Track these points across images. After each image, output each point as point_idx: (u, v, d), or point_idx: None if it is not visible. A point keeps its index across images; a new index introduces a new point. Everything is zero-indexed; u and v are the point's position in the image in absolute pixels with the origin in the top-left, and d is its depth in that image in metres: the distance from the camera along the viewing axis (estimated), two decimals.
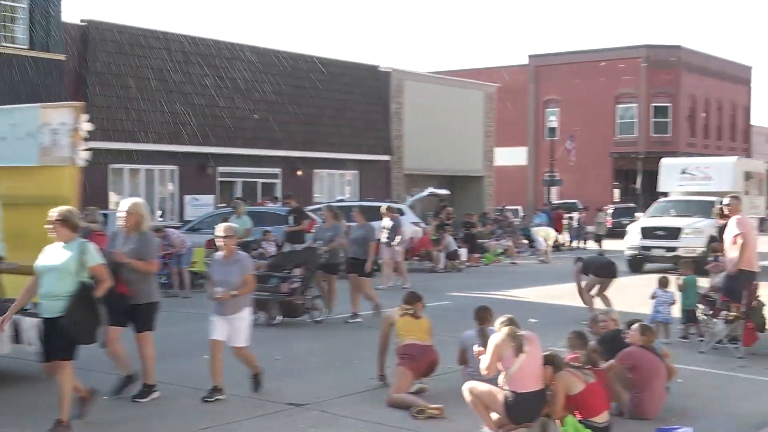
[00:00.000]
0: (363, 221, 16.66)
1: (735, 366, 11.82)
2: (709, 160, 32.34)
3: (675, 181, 29.85)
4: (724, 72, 63.34)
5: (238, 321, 9.66)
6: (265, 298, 15.03)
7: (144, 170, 29.95)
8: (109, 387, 9.50)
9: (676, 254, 25.09)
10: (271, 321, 15.01)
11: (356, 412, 9.18)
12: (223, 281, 9.57)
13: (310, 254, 16.01)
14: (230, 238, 9.72)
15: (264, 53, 33.98)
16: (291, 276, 15.40)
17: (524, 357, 8.04)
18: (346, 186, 37.81)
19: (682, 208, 27.85)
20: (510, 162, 58.31)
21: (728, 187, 28.13)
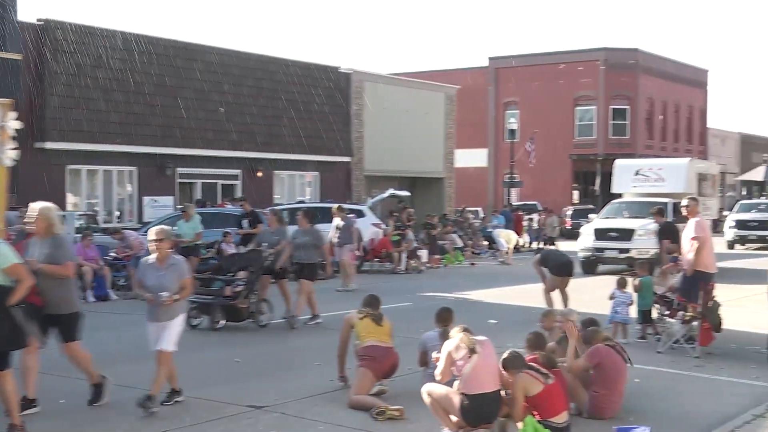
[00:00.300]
0: (307, 226, 16.28)
1: (691, 366, 11.96)
2: (662, 162, 32.35)
3: (629, 182, 29.89)
4: (681, 75, 64.09)
5: (172, 326, 9.34)
6: (209, 301, 14.80)
7: (102, 171, 29.67)
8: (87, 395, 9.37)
9: (629, 256, 25.21)
10: (214, 325, 14.68)
11: (317, 414, 9.17)
12: (158, 286, 9.19)
13: (255, 257, 15.71)
14: (162, 242, 9.32)
15: (224, 54, 33.82)
16: (235, 279, 15.12)
17: (477, 358, 8.07)
18: (307, 187, 37.74)
19: (636, 209, 27.71)
20: (470, 163, 58.52)
21: (681, 189, 28.36)
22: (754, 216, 38.89)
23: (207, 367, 11.73)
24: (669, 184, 28.82)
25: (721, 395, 10.40)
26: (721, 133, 74.07)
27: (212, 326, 14.65)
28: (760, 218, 38.63)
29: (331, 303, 18.15)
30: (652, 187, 29.13)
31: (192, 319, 14.51)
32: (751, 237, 38.40)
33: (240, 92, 33.85)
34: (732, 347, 13.34)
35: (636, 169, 30.05)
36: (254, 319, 15.15)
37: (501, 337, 12.63)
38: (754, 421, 8.83)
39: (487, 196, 59.21)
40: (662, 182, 29.06)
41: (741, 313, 16.77)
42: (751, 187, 74.54)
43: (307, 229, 16.15)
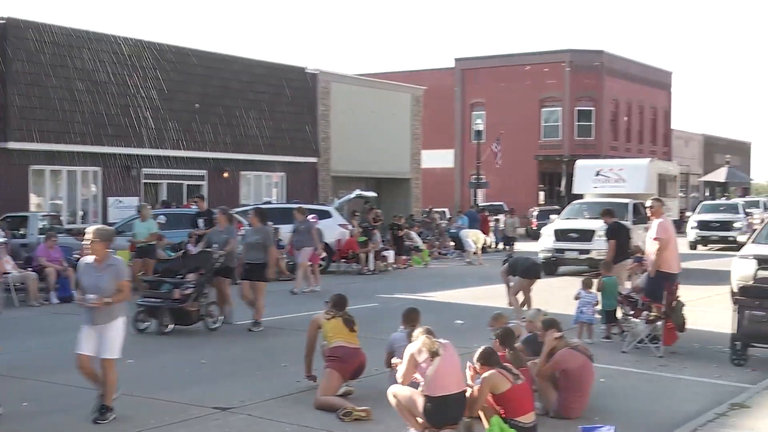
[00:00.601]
0: (258, 224, 15.67)
1: (656, 365, 12.07)
2: (622, 162, 32.25)
3: (589, 183, 29.87)
4: (646, 77, 64.62)
5: (112, 331, 8.84)
6: (157, 305, 14.45)
7: (66, 171, 29.36)
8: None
9: (589, 257, 25.10)
10: (162, 329, 14.28)
11: (283, 415, 9.14)
12: (93, 287, 8.76)
13: (205, 259, 15.19)
14: (95, 242, 8.82)
15: (190, 54, 33.61)
16: (184, 282, 14.65)
17: (440, 361, 8.09)
18: (273, 188, 37.62)
19: (597, 210, 27.04)
20: (437, 164, 58.63)
21: (642, 189, 28.62)
22: (716, 217, 39.13)
23: (171, 369, 11.65)
24: (629, 185, 28.86)
25: (684, 394, 10.50)
26: (684, 135, 74.75)
27: (160, 330, 14.26)
28: (722, 219, 38.88)
29: (287, 305, 18.14)
30: (612, 187, 29.10)
31: (140, 323, 14.33)
32: (713, 237, 38.66)
33: (206, 92, 33.66)
34: (695, 347, 13.48)
35: (597, 169, 30.00)
36: (205, 322, 14.78)
37: (468, 338, 12.67)
38: (717, 419, 8.91)
39: (453, 197, 59.33)
40: (623, 183, 29.08)
41: (704, 313, 16.96)
42: (714, 188, 75.30)
43: (258, 228, 15.59)
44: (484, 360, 8.37)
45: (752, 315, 12.00)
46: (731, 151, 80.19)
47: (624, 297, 13.63)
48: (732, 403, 9.57)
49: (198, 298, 14.67)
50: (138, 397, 9.80)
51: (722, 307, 17.34)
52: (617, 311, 13.88)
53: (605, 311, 14.14)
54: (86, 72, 29.44)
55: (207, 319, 14.84)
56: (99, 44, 30.10)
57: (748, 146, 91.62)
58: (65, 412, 9.26)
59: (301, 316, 15.76)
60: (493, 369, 8.30)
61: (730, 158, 75.59)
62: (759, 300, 12.04)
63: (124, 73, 30.64)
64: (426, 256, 31.85)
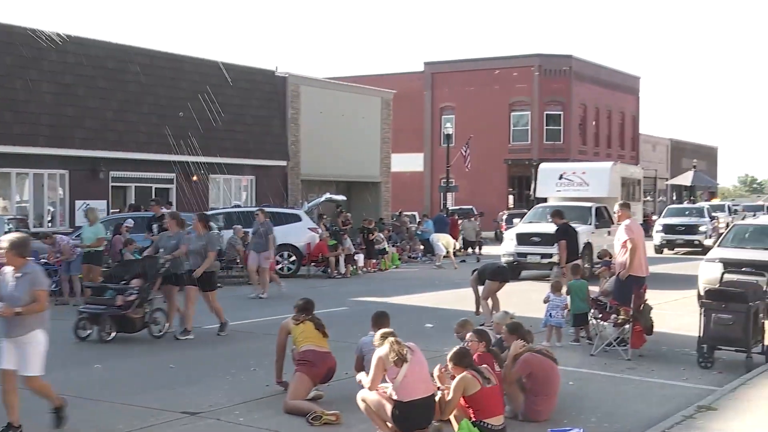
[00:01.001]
0: (203, 230, 15.11)
1: (624, 368, 12.15)
2: (585, 165, 32.04)
3: (553, 186, 29.68)
4: (614, 81, 65.07)
5: (30, 345, 8.34)
6: (98, 312, 14.04)
7: (32, 174, 29.04)
8: None
9: (551, 261, 24.46)
10: (104, 337, 13.85)
11: (252, 420, 9.10)
12: (9, 297, 8.30)
13: (150, 264, 14.73)
14: (10, 252, 8.36)
15: (158, 56, 33.43)
16: (128, 288, 14.27)
17: (408, 366, 8.11)
18: (243, 191, 37.48)
19: None
20: (407, 168, 58.68)
21: (605, 193, 28.51)
22: (681, 220, 39.27)
23: (140, 373, 11.57)
24: (592, 188, 28.71)
25: (652, 397, 10.57)
26: (652, 139, 75.35)
27: (101, 338, 13.83)
28: (687, 222, 39.00)
29: (255, 309, 18.07)
30: (576, 191, 28.94)
31: (81, 331, 14.00)
32: (678, 241, 38.81)
33: (175, 95, 33.47)
34: (663, 350, 13.58)
35: (560, 173, 29.80)
36: (149, 329, 14.38)
37: (438, 341, 12.69)
38: (684, 422, 8.98)
39: (423, 201, 59.42)
40: (586, 186, 28.87)
41: (672, 316, 17.09)
42: (681, 192, 75.96)
43: (203, 235, 15.03)
44: (457, 360, 8.41)
45: (718, 318, 12.11)
46: (698, 156, 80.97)
47: (592, 300, 13.71)
48: (699, 405, 9.64)
49: (142, 304, 14.26)
50: (106, 402, 9.73)
51: (689, 310, 17.49)
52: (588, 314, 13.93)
53: (574, 314, 14.21)
54: (53, 74, 29.17)
55: (152, 327, 14.43)
56: (65, 46, 29.82)
57: (715, 150, 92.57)
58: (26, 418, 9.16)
59: (269, 320, 15.72)
60: (465, 370, 8.33)
61: (697, 162, 76.30)
62: (725, 303, 12.15)
63: (91, 75, 30.38)
64: (396, 260, 31.88)
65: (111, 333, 13.96)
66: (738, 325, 11.99)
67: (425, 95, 61.42)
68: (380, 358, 8.22)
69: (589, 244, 25.52)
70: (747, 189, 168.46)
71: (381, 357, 8.22)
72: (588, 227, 26.11)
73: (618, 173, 29.84)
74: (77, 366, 11.91)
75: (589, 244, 25.50)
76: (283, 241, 26.50)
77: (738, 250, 18.44)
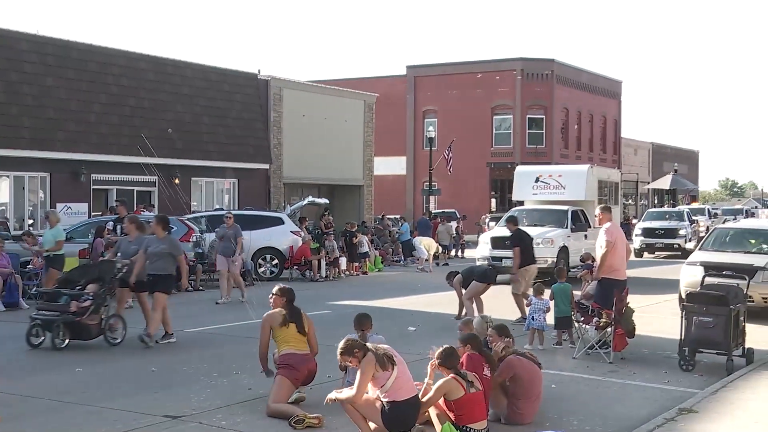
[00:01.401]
0: (163, 233, 14.51)
1: (606, 371, 12.18)
2: (561, 168, 31.79)
3: (529, 189, 29.11)
4: (596, 85, 65.35)
5: None
6: (51, 318, 13.47)
7: (13, 177, 28.89)
8: None
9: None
10: (57, 344, 13.26)
11: (234, 423, 9.07)
12: None
13: (106, 269, 14.26)
14: None
15: (141, 59, 33.33)
16: (83, 293, 13.76)
17: (397, 368, 8.20)
18: (225, 195, 37.41)
19: (536, 217, 27.01)
20: (389, 171, 58.75)
21: (581, 196, 28.14)
22: (660, 224, 39.13)
23: (121, 377, 11.51)
24: (569, 192, 28.25)
25: (634, 399, 10.61)
26: (633, 143, 75.68)
27: (55, 345, 13.23)
28: (667, 226, 38.85)
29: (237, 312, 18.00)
30: (552, 194, 28.48)
31: (33, 338, 13.45)
32: (657, 245, 38.71)
33: (157, 98, 33.38)
34: (645, 352, 13.63)
35: (536, 175, 29.21)
36: (105, 336, 13.84)
37: (420, 344, 12.69)
38: (666, 424, 9.01)
39: (405, 204, 59.48)
40: (562, 189, 28.39)
41: (653, 319, 17.17)
42: (662, 195, 76.28)
43: (163, 238, 14.45)
44: (442, 360, 8.44)
45: (700, 321, 12.17)
46: (679, 160, 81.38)
47: (575, 304, 13.75)
48: (680, 408, 9.68)
49: (98, 310, 13.75)
50: (87, 406, 9.68)
51: (671, 313, 17.58)
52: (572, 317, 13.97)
53: (557, 317, 14.25)
54: (34, 76, 29.03)
55: (108, 334, 13.88)
56: (47, 48, 29.72)
57: (696, 154, 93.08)
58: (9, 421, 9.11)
59: (251, 323, 15.68)
60: (449, 372, 8.34)
61: (678, 166, 76.67)
62: (706, 306, 12.21)
63: (73, 77, 30.27)
64: (379, 263, 31.87)
65: (65, 340, 13.41)
66: (719, 328, 12.05)
67: (408, 99, 61.51)
68: (369, 367, 8.18)
69: (566, 248, 25.44)
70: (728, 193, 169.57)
71: (370, 365, 8.18)
72: (564, 231, 26.01)
73: (595, 176, 29.42)
74: (58, 370, 11.84)
75: (565, 248, 25.45)
76: (266, 245, 26.49)
77: (719, 254, 18.53)
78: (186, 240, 23.66)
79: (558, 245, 25.25)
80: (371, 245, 33.40)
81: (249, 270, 25.26)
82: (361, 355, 8.30)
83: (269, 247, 26.53)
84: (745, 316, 12.81)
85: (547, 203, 28.18)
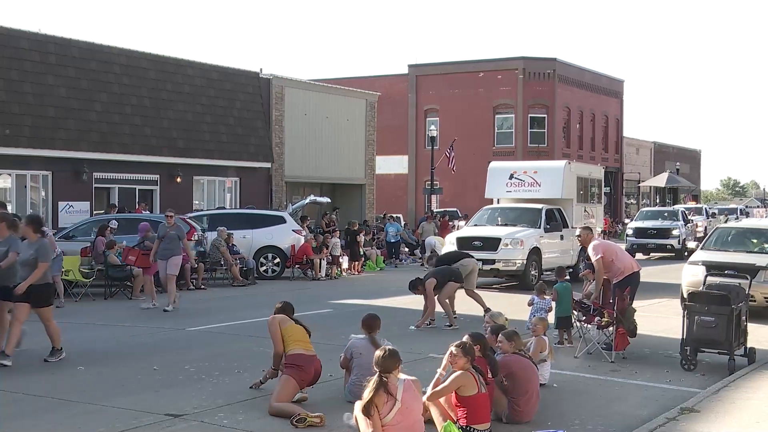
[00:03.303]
0: (35, 236, 12.85)
1: (607, 370, 12.18)
2: (537, 164, 29.75)
3: (503, 187, 27.28)
4: (598, 84, 65.28)
5: None
6: None
7: (15, 175, 28.89)
8: None
9: (494, 267, 23.31)
10: None
11: (236, 422, 9.07)
12: None
13: None
14: None
15: (142, 57, 33.31)
16: None
17: (398, 406, 7.71)
18: (227, 193, 37.41)
19: (509, 216, 25.68)
20: (391, 170, 58.71)
21: (558, 194, 26.47)
22: (653, 224, 37.83)
23: (123, 375, 11.51)
24: (545, 189, 26.51)
25: (635, 399, 10.60)
26: (635, 142, 75.58)
27: None
28: (660, 226, 37.57)
29: (245, 311, 18.00)
30: (526, 192, 26.74)
31: None
32: (649, 245, 37.33)
33: (158, 96, 33.38)
34: (646, 352, 13.63)
35: (510, 172, 27.29)
36: None
37: (419, 343, 12.69)
38: (667, 423, 9.01)
39: (407, 203, 59.47)
40: (537, 187, 26.63)
41: (655, 318, 17.16)
42: (664, 195, 76.22)
43: (34, 242, 12.46)
44: (463, 347, 8.42)
45: (701, 320, 12.16)
46: (681, 159, 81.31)
47: (576, 303, 13.74)
48: (682, 407, 9.68)
49: None
50: (89, 405, 9.68)
51: (672, 312, 17.58)
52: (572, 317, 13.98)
53: (558, 317, 14.25)
54: (35, 75, 29.03)
55: None
56: (48, 46, 29.72)
57: (698, 154, 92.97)
58: (1, 421, 9.11)
59: (253, 322, 15.70)
60: (467, 363, 8.35)
61: (680, 165, 76.62)
62: (708, 306, 12.21)
63: (74, 76, 30.27)
64: (381, 263, 31.87)
65: None
66: (721, 328, 12.04)
67: (409, 98, 61.47)
68: (373, 404, 7.72)
69: (537, 250, 24.09)
70: (729, 192, 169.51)
71: (374, 403, 7.72)
72: (536, 231, 24.57)
73: (573, 172, 27.52)
74: (59, 368, 11.84)
75: (537, 250, 24.06)
76: (268, 243, 26.53)
77: (721, 253, 18.52)
78: (188, 238, 23.70)
79: (528, 246, 23.71)
80: (372, 244, 33.45)
81: (251, 268, 25.33)
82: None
83: (271, 245, 26.56)
84: (747, 315, 12.81)
85: (522, 201, 26.64)
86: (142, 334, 14.82)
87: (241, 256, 25.25)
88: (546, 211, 25.35)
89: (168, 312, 17.84)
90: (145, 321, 16.72)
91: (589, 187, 29.12)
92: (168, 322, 16.60)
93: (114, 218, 24.19)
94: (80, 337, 14.32)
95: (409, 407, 7.74)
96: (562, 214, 26.14)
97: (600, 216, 30.94)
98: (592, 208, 29.05)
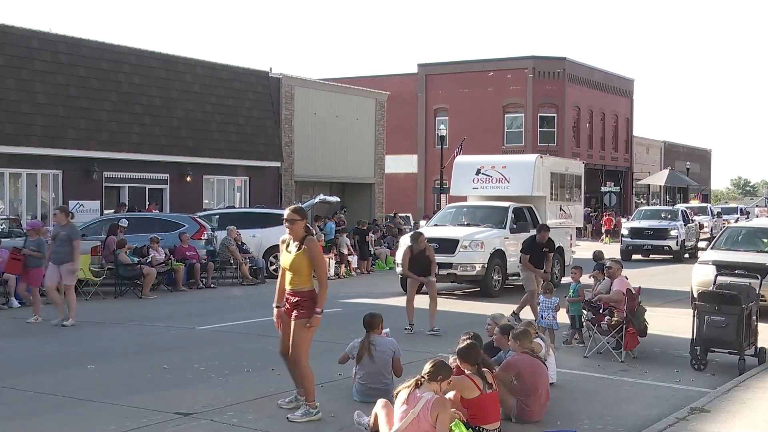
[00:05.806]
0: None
1: (617, 370, 12.16)
2: (506, 159, 28.28)
3: (469, 183, 25.53)
4: (608, 84, 65.18)
5: None
6: None
7: (26, 174, 28.98)
8: None
9: (451, 272, 21.37)
10: None
11: (245, 420, 9.07)
12: None
13: None
14: None
15: (152, 57, 33.36)
16: None
17: (413, 416, 7.62)
18: (236, 192, 37.45)
19: (474, 215, 23.81)
20: (400, 169, 58.73)
21: (527, 191, 24.75)
22: (650, 224, 36.07)
23: (133, 374, 11.54)
24: (513, 186, 24.73)
25: (645, 398, 10.58)
26: (645, 142, 75.45)
27: None
28: (656, 226, 35.85)
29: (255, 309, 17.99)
30: (494, 188, 24.97)
31: None
32: (645, 246, 35.42)
33: (168, 96, 33.42)
34: (656, 352, 13.61)
35: (477, 167, 25.51)
36: None
37: (426, 342, 12.68)
38: (677, 423, 8.98)
39: (416, 202, 59.47)
40: (506, 183, 24.79)
41: (665, 318, 17.12)
42: (674, 194, 75.96)
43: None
44: (462, 355, 8.42)
45: (712, 320, 12.14)
46: (692, 158, 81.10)
47: (586, 302, 13.72)
48: (692, 407, 9.65)
49: None
50: (99, 403, 9.70)
51: (682, 312, 17.54)
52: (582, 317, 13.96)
53: (571, 316, 14.25)
54: (45, 74, 29.10)
55: None
56: (58, 46, 29.79)
57: (709, 153, 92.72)
58: (12, 419, 9.14)
59: (262, 321, 15.70)
60: (468, 368, 8.35)
61: (690, 165, 76.39)
62: (718, 305, 12.18)
63: (84, 75, 30.33)
64: (390, 262, 31.84)
65: None
66: (731, 328, 12.01)
67: (419, 97, 61.49)
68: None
69: (501, 252, 22.17)
70: (740, 191, 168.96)
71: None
72: (501, 231, 22.55)
73: (546, 168, 25.65)
74: (70, 366, 11.87)
75: (500, 252, 22.13)
76: (277, 242, 26.47)
77: (731, 253, 18.48)
78: (197, 237, 23.76)
79: (490, 249, 21.75)
80: (382, 242, 33.43)
81: (261, 267, 25.33)
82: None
83: None
84: (757, 315, 12.78)
85: (490, 199, 24.80)
86: (152, 333, 14.85)
87: (251, 255, 25.27)
88: (513, 210, 23.38)
89: (66, 326, 15.35)
90: (154, 320, 16.76)
91: (566, 183, 27.44)
92: (178, 321, 16.63)
93: (124, 217, 24.26)
94: (90, 336, 14.35)
95: (421, 421, 7.57)
96: (533, 213, 24.08)
97: (579, 215, 29.20)
98: (569, 207, 27.33)
